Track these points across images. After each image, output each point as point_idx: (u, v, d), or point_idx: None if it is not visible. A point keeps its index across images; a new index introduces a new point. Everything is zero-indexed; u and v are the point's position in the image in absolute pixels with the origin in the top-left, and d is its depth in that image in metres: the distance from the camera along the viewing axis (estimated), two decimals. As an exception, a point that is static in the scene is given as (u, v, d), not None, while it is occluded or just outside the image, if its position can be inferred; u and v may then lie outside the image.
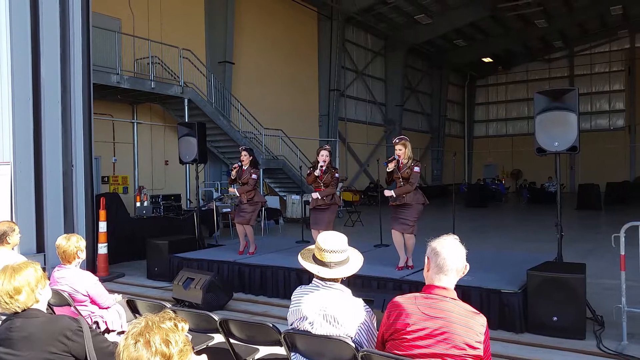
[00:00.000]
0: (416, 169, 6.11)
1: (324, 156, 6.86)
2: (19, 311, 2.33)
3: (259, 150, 15.97)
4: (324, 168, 6.83)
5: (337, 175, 6.98)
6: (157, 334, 1.48)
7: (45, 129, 7.25)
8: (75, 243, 3.83)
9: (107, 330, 3.83)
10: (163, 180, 14.85)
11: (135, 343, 1.46)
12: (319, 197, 6.86)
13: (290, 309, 2.69)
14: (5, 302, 2.31)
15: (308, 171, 7.12)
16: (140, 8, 14.04)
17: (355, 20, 22.88)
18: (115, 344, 1.84)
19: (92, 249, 7.75)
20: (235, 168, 7.60)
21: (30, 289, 2.34)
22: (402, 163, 6.14)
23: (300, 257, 2.70)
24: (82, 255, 3.89)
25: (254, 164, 7.69)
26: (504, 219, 17.64)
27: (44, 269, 2.51)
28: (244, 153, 7.60)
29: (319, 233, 6.10)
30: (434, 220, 9.13)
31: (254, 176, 7.54)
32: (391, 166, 6.14)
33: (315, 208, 6.98)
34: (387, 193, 6.23)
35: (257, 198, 7.65)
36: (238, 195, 7.62)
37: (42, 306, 2.42)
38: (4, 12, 6.88)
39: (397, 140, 6.23)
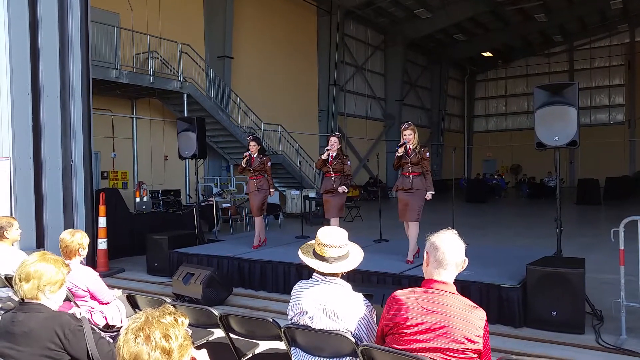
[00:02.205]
0: (427, 154, 6.28)
1: (331, 142, 7.12)
2: (18, 298, 2.36)
3: (259, 145, 15.94)
4: (333, 155, 7.07)
5: (348, 162, 7.20)
6: (157, 329, 1.48)
7: (44, 124, 7.23)
8: (79, 239, 3.82)
9: (107, 326, 3.83)
10: (162, 175, 14.83)
11: (135, 338, 1.47)
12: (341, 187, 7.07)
13: (290, 304, 2.69)
14: (16, 281, 2.36)
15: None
16: (139, 3, 13.99)
17: (355, 14, 22.79)
18: None
19: (92, 244, 7.73)
20: (246, 157, 7.74)
21: (37, 284, 2.36)
22: (410, 148, 6.24)
23: (301, 252, 2.71)
24: (83, 253, 3.89)
25: (262, 151, 7.87)
26: (504, 213, 17.63)
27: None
28: (252, 143, 7.75)
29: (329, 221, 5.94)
30: (434, 215, 9.13)
31: (269, 163, 7.80)
32: (401, 151, 6.25)
33: (326, 192, 7.21)
34: (429, 197, 6.36)
35: (265, 185, 7.82)
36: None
37: (47, 304, 2.42)
38: (2, 6, 6.84)
39: (406, 126, 6.33)
